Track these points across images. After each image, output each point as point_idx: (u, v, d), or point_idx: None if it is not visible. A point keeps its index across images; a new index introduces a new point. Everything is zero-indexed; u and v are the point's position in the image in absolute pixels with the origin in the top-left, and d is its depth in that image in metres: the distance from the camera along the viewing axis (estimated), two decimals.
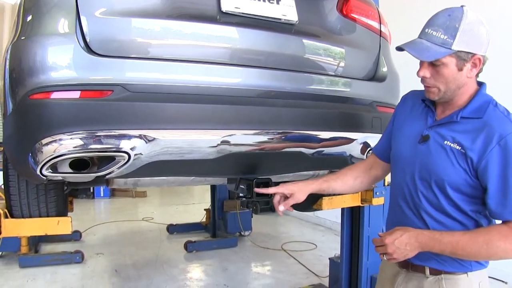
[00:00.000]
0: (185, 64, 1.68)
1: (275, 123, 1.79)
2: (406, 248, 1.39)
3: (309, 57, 1.96)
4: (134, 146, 1.55)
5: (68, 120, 1.49)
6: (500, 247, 1.32)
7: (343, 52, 2.07)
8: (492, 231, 1.38)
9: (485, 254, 1.36)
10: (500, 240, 1.32)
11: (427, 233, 1.41)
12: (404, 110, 1.64)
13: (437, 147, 1.43)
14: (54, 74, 1.48)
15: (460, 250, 1.36)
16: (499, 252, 1.34)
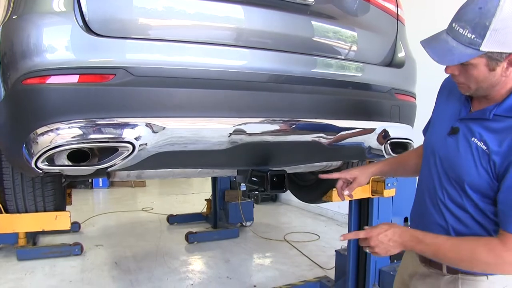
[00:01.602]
0: (194, 46, 1.54)
1: (291, 111, 1.66)
2: (388, 244, 1.37)
3: (326, 40, 1.83)
4: (139, 135, 1.42)
5: (65, 107, 1.35)
6: (482, 259, 1.24)
7: (360, 35, 1.94)
8: (480, 240, 1.28)
9: (467, 263, 1.28)
10: (484, 251, 1.23)
11: (411, 231, 1.38)
12: (441, 97, 1.52)
13: (464, 142, 1.31)
14: (50, 57, 1.34)
15: (441, 254, 1.31)
16: (481, 265, 1.26)
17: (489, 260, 1.23)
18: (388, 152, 1.98)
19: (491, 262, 1.23)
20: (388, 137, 1.93)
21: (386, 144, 1.95)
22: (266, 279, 4.08)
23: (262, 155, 1.81)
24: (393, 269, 3.13)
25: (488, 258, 1.22)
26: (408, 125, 2.06)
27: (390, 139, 1.94)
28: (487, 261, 1.23)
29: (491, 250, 1.22)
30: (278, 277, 4.13)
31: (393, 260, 3.26)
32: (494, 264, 1.24)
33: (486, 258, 1.23)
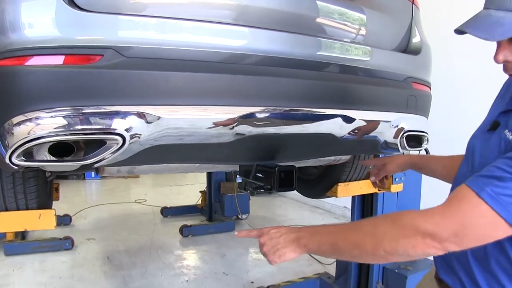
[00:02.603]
0: (194, 24, 1.36)
1: (302, 99, 1.49)
2: (279, 240, 1.16)
3: (341, 22, 1.66)
4: (130, 126, 1.24)
5: (47, 93, 1.18)
6: (387, 232, 0.99)
7: (376, 17, 1.78)
8: (388, 213, 1.07)
9: (372, 244, 1.01)
10: (387, 222, 1.01)
11: (310, 227, 1.18)
12: (498, 94, 1.31)
13: (497, 136, 1.11)
14: (29, 33, 1.16)
15: (341, 240, 1.07)
16: (386, 243, 0.99)
17: (393, 233, 0.98)
18: (403, 145, 1.84)
19: (396, 235, 0.98)
20: (404, 129, 1.78)
21: (401, 136, 1.80)
22: (264, 275, 3.96)
23: (269, 149, 1.64)
24: (397, 267, 3.02)
25: (393, 230, 0.99)
26: (424, 116, 1.92)
27: (406, 131, 1.79)
28: (392, 236, 0.98)
29: (396, 220, 1.01)
30: (276, 273, 4.00)
31: None
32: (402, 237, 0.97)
33: (391, 230, 0.99)
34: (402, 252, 0.98)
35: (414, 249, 0.96)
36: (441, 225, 0.93)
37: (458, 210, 0.94)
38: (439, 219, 0.94)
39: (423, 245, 0.95)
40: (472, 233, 0.93)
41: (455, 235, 0.93)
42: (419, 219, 0.96)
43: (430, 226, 0.94)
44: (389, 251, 0.99)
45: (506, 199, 0.90)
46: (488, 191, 0.91)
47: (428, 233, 0.94)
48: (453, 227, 0.93)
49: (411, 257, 0.99)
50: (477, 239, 0.96)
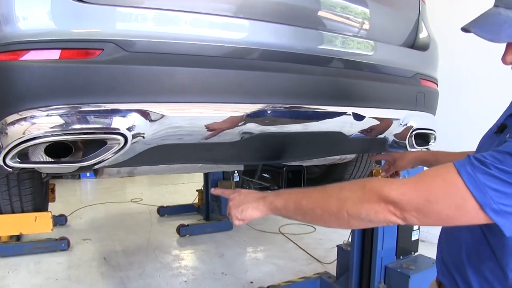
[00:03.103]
0: (201, 17, 1.29)
1: (312, 96, 1.44)
2: (246, 197, 1.15)
3: (349, 16, 1.61)
4: (133, 125, 1.18)
5: (43, 90, 1.11)
6: (353, 195, 0.97)
7: (383, 12, 1.73)
8: (359, 179, 1.05)
9: (336, 205, 0.99)
10: (355, 186, 0.99)
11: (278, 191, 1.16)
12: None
13: (502, 138, 1.05)
14: (24, 26, 1.10)
15: (306, 199, 1.05)
16: (350, 206, 0.97)
17: (362, 194, 0.95)
18: (411, 143, 1.79)
19: (365, 196, 0.95)
20: (413, 127, 1.74)
21: (410, 134, 1.75)
22: (263, 275, 3.91)
23: (276, 148, 1.59)
24: (399, 266, 2.98)
25: (356, 193, 0.96)
26: (431, 114, 1.87)
27: (415, 129, 1.75)
28: (359, 196, 0.96)
29: (370, 181, 0.98)
30: (275, 273, 3.96)
31: (399, 256, 3.10)
32: (367, 201, 0.95)
33: (353, 194, 0.97)
34: (364, 217, 0.96)
35: (376, 214, 0.94)
36: (407, 196, 0.90)
37: (429, 185, 0.91)
38: (406, 190, 0.91)
39: (385, 212, 0.93)
40: (436, 211, 0.90)
41: (418, 210, 0.90)
42: (386, 186, 0.93)
43: (395, 195, 0.91)
44: (352, 214, 0.97)
45: (482, 179, 0.86)
46: (467, 169, 0.88)
47: (392, 201, 0.92)
48: (419, 201, 0.90)
49: (373, 223, 0.97)
50: (439, 219, 0.92)
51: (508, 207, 0.84)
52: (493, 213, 0.85)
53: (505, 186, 0.84)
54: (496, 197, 0.84)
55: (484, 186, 0.85)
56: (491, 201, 0.84)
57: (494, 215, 0.85)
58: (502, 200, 0.84)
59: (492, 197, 0.84)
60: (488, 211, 0.85)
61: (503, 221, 0.85)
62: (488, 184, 0.85)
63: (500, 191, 0.84)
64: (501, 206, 0.84)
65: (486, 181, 0.85)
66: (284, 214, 1.11)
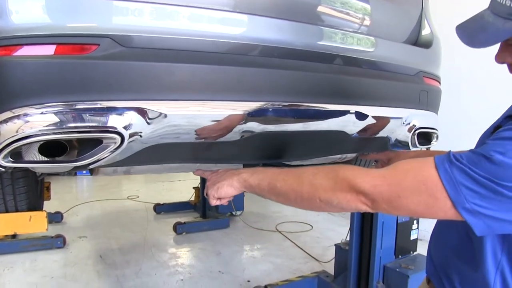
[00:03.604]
0: (201, 11, 1.25)
1: (314, 94, 1.40)
2: (221, 176, 1.19)
3: (352, 12, 1.58)
4: (129, 123, 1.14)
5: (37, 87, 1.07)
6: (326, 183, 0.99)
7: (385, 8, 1.71)
8: (331, 166, 1.06)
9: (308, 191, 1.02)
10: (328, 173, 1.00)
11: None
12: None
13: None
14: (17, 20, 1.06)
15: (281, 181, 1.07)
16: (323, 193, 0.99)
17: (325, 182, 0.98)
18: (414, 143, 1.77)
19: (337, 185, 0.97)
20: (416, 126, 1.71)
21: (413, 133, 1.73)
22: (260, 273, 3.89)
23: (277, 147, 1.55)
24: (398, 266, 2.96)
25: (325, 180, 0.99)
26: (434, 112, 1.84)
27: (418, 128, 1.72)
28: (332, 185, 0.98)
29: (344, 170, 0.99)
30: (273, 271, 3.94)
31: (398, 256, 3.09)
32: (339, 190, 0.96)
33: (324, 181, 0.99)
34: (336, 204, 0.99)
35: (348, 203, 0.97)
36: (378, 189, 0.92)
37: (401, 181, 0.91)
38: (378, 182, 0.93)
39: (356, 202, 0.96)
40: (406, 205, 0.91)
41: (388, 202, 0.92)
42: (359, 177, 0.96)
43: (367, 187, 0.93)
44: (324, 200, 1.00)
45: (458, 177, 0.86)
46: (445, 165, 0.88)
47: (363, 192, 0.94)
48: (390, 194, 0.91)
49: (344, 210, 1.01)
50: (409, 213, 0.94)
51: (480, 207, 0.84)
52: (465, 212, 0.85)
53: (479, 186, 0.83)
54: (469, 196, 0.84)
55: (459, 184, 0.85)
56: (464, 199, 0.84)
57: (466, 214, 0.85)
58: (475, 200, 0.84)
59: (466, 196, 0.84)
60: (460, 209, 0.85)
61: (474, 220, 0.85)
62: (463, 182, 0.84)
63: (474, 191, 0.84)
64: (473, 206, 0.84)
65: (461, 179, 0.85)
66: (257, 192, 1.14)
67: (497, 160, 0.82)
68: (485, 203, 0.83)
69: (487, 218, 0.84)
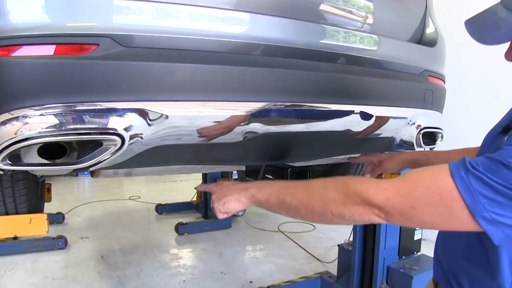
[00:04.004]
0: (203, 10, 1.22)
1: (317, 94, 1.38)
2: (228, 190, 1.15)
3: (356, 11, 1.55)
4: (130, 125, 1.12)
5: (37, 88, 1.05)
6: (337, 197, 0.96)
7: (389, 5, 1.68)
8: (341, 178, 1.02)
9: (319, 206, 0.99)
10: (339, 187, 0.97)
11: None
12: None
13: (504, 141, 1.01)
14: (16, 20, 1.04)
15: (289, 196, 1.04)
16: (334, 207, 0.96)
17: (335, 195, 0.95)
18: (419, 143, 1.74)
19: (349, 199, 0.94)
20: (421, 126, 1.68)
21: (418, 133, 1.70)
22: (263, 274, 3.86)
23: (280, 149, 1.53)
24: (402, 266, 2.94)
25: (335, 192, 0.96)
26: (439, 112, 1.82)
27: (423, 128, 1.70)
28: (343, 198, 0.95)
29: (344, 182, 0.97)
30: (275, 272, 3.91)
31: (401, 256, 3.06)
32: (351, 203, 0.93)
33: (333, 193, 0.96)
34: (348, 218, 0.97)
35: (361, 216, 0.94)
36: (391, 201, 0.89)
37: (414, 191, 0.88)
38: (390, 194, 0.89)
39: (369, 214, 0.93)
40: (421, 217, 0.87)
41: (402, 214, 0.89)
42: (370, 190, 0.92)
43: (379, 199, 0.90)
44: (336, 214, 0.97)
45: (475, 185, 0.82)
46: (461, 173, 0.84)
47: (376, 205, 0.91)
48: (403, 206, 0.88)
49: (357, 223, 0.98)
50: (425, 224, 0.90)
51: (499, 216, 0.80)
52: (484, 221, 0.81)
53: (497, 195, 0.80)
54: (488, 205, 0.80)
55: (477, 192, 0.81)
56: (482, 208, 0.81)
57: (485, 223, 0.81)
58: (494, 209, 0.80)
59: (484, 205, 0.81)
60: (478, 218, 0.81)
61: (493, 229, 0.82)
62: (480, 190, 0.81)
63: (492, 199, 0.80)
64: (492, 215, 0.81)
65: (479, 187, 0.81)
66: (266, 207, 1.11)
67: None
68: (504, 212, 0.80)
69: (506, 227, 0.81)
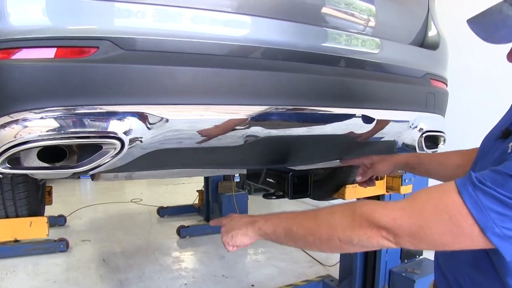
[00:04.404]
0: (203, 13, 1.22)
1: (319, 97, 1.37)
2: (236, 223, 1.18)
3: (358, 14, 1.54)
4: (130, 129, 1.12)
5: (36, 91, 1.05)
6: (343, 221, 0.95)
7: (391, 9, 1.67)
8: (347, 203, 1.01)
9: (327, 232, 0.97)
10: (345, 211, 0.96)
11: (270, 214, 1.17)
12: None
13: (504, 146, 0.98)
14: (16, 22, 1.03)
15: (296, 225, 1.03)
16: (341, 232, 0.95)
17: (342, 221, 0.94)
18: (421, 146, 1.73)
19: (355, 222, 0.92)
20: (423, 129, 1.67)
21: (420, 137, 1.70)
22: (264, 277, 3.85)
23: (281, 152, 1.52)
24: (404, 270, 2.92)
25: (352, 216, 0.93)
26: (441, 115, 1.81)
27: (425, 131, 1.69)
28: (350, 222, 0.93)
29: (360, 206, 0.95)
30: (277, 275, 3.91)
31: (403, 260, 3.05)
32: (358, 227, 0.92)
33: (340, 219, 0.95)
34: (356, 242, 0.94)
35: (369, 240, 0.92)
36: (398, 222, 0.87)
37: (422, 211, 0.85)
38: (397, 215, 0.88)
39: (377, 237, 0.91)
40: (430, 237, 0.85)
41: (411, 236, 0.86)
42: (377, 211, 0.90)
43: (386, 220, 0.88)
44: (344, 240, 0.95)
45: (484, 201, 0.79)
46: (469, 189, 0.82)
47: (384, 227, 0.88)
48: (411, 227, 0.86)
49: (365, 248, 0.95)
50: (435, 244, 0.87)
51: (510, 231, 0.78)
52: (495, 237, 0.79)
53: (507, 209, 0.77)
54: (498, 220, 0.78)
55: (486, 208, 0.79)
56: (493, 224, 0.78)
57: (496, 240, 0.79)
58: (505, 224, 0.78)
59: (494, 220, 0.78)
60: (489, 235, 0.79)
61: (504, 245, 0.79)
62: (490, 206, 0.79)
63: (502, 214, 0.78)
64: (504, 230, 0.78)
65: (488, 202, 0.79)
66: (273, 239, 1.10)
67: None
68: None
69: None
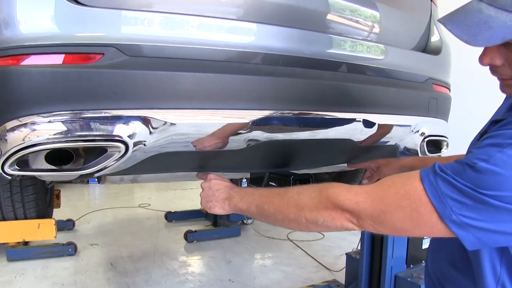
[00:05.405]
0: (206, 20, 1.24)
1: (320, 102, 1.39)
2: (215, 194, 1.26)
3: (360, 20, 1.57)
4: (134, 132, 1.15)
5: (44, 95, 1.08)
6: (310, 202, 1.00)
7: (394, 15, 1.69)
8: (316, 184, 1.06)
9: (294, 212, 1.03)
10: (312, 192, 1.01)
11: (245, 188, 1.27)
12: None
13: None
14: (26, 30, 1.07)
15: (267, 204, 1.10)
16: (308, 212, 1.00)
17: (308, 202, 1.00)
18: (423, 150, 1.75)
19: (321, 203, 0.97)
20: (425, 134, 1.69)
21: (422, 141, 1.71)
22: (271, 282, 3.86)
23: (283, 156, 1.55)
24: (410, 275, 2.91)
25: (310, 199, 1.00)
26: (444, 120, 1.82)
27: (428, 136, 1.70)
28: (316, 203, 0.98)
29: (322, 189, 1.00)
30: (283, 280, 3.91)
31: (409, 265, 3.04)
32: (324, 208, 0.97)
33: (307, 200, 1.00)
34: (321, 223, 1.00)
35: (333, 221, 0.97)
36: (361, 206, 0.91)
37: (383, 196, 0.90)
38: (361, 199, 0.92)
39: (341, 219, 0.96)
40: (391, 221, 0.89)
41: (373, 219, 0.91)
42: (342, 194, 0.95)
43: (350, 204, 0.93)
44: (310, 220, 1.01)
45: (443, 188, 0.82)
46: (430, 177, 0.85)
47: (347, 210, 0.93)
48: (373, 211, 0.90)
49: (331, 229, 1.01)
50: (395, 229, 0.91)
51: (467, 218, 0.80)
52: (453, 225, 0.81)
53: (464, 197, 0.80)
54: (456, 208, 0.80)
55: (444, 195, 0.81)
56: (450, 211, 0.81)
57: (454, 227, 0.81)
58: (462, 211, 0.80)
59: (452, 208, 0.81)
60: (447, 222, 0.81)
61: (463, 233, 0.81)
62: (448, 193, 0.81)
63: (459, 202, 0.80)
64: (461, 217, 0.80)
65: (446, 190, 0.82)
66: (248, 215, 1.20)
67: (480, 168, 0.79)
68: (473, 214, 0.80)
69: (476, 230, 0.80)
